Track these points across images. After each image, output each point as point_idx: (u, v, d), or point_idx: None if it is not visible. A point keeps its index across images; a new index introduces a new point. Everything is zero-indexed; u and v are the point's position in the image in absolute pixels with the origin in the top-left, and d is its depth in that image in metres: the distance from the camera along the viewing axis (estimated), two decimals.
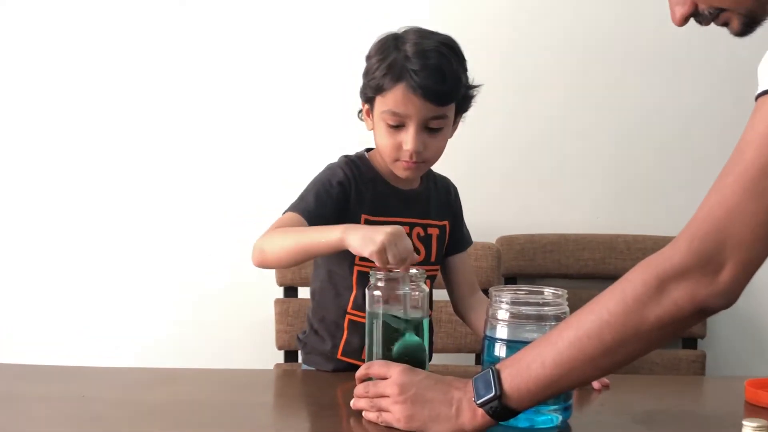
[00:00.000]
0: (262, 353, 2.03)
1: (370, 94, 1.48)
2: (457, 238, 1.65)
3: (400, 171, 1.50)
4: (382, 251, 1.26)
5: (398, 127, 1.45)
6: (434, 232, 1.58)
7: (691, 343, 2.11)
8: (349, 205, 1.49)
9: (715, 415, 1.29)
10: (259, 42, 2.17)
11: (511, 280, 2.13)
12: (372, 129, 1.52)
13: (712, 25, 1.12)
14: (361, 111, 1.55)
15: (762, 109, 1.00)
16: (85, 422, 1.17)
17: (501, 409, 1.08)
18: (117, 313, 2.20)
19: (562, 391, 1.12)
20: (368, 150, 1.59)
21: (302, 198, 1.48)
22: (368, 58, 1.50)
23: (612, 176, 2.19)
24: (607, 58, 2.17)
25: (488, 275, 2.02)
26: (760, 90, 1.01)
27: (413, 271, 1.30)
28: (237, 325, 2.17)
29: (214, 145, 2.19)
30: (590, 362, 1.06)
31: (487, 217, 2.17)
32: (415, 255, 1.30)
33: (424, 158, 1.48)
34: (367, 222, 1.48)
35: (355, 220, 1.49)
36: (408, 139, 1.44)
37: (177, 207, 2.19)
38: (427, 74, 1.41)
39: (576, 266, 2.12)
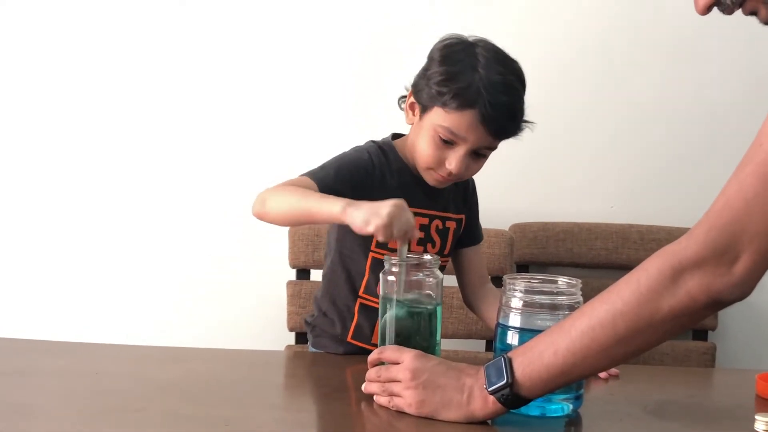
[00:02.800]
0: (274, 335, 2.04)
1: (430, 102, 1.43)
2: (472, 231, 1.65)
3: (430, 180, 1.48)
4: (389, 225, 1.25)
5: (449, 143, 1.43)
6: (452, 225, 1.57)
7: (701, 335, 2.11)
8: (371, 192, 1.45)
9: (725, 408, 1.29)
10: (259, 42, 2.17)
11: (523, 267, 2.13)
12: (412, 124, 1.50)
13: (734, 16, 1.11)
14: (402, 99, 1.53)
15: None
16: (98, 397, 1.18)
17: (512, 397, 1.08)
18: (131, 293, 2.21)
19: (574, 380, 1.12)
20: (394, 136, 1.57)
21: (323, 167, 1.46)
22: (433, 60, 1.46)
23: (626, 166, 2.19)
24: (625, 49, 2.16)
25: (501, 262, 2.02)
26: None
27: (428, 257, 1.30)
28: (249, 307, 2.17)
29: (221, 141, 2.20)
30: (603, 351, 1.05)
31: (501, 204, 2.17)
32: (416, 231, 1.31)
33: (458, 177, 1.47)
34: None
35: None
36: (454, 160, 1.42)
37: (192, 188, 2.20)
38: (500, 110, 1.40)
39: (589, 255, 2.11)
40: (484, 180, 2.14)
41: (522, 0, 2.16)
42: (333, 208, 1.31)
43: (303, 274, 2.04)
